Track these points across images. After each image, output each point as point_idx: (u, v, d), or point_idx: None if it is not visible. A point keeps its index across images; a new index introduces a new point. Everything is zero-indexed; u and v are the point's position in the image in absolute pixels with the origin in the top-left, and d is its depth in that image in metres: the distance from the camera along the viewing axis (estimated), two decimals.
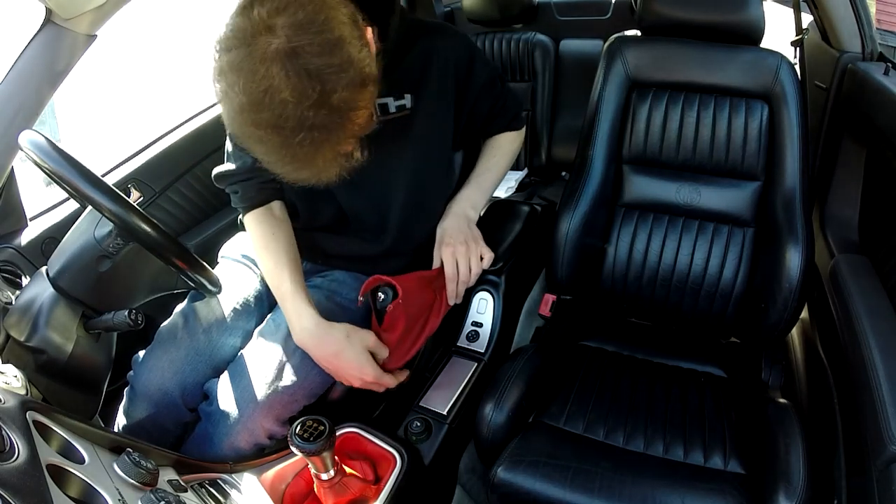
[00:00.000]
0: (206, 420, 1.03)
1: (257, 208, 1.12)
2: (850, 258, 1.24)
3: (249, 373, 1.03)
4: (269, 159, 0.80)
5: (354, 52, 0.76)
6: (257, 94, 0.72)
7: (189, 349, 1.07)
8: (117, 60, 5.30)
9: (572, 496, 0.99)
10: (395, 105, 1.06)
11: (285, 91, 0.71)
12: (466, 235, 1.13)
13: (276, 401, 1.01)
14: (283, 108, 0.72)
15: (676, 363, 1.30)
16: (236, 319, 1.13)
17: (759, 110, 1.24)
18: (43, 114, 1.09)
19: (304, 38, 0.72)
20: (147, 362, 1.07)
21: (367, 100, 0.79)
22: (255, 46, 0.72)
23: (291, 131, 0.73)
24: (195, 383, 1.07)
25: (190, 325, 1.10)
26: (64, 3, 1.01)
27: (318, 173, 0.81)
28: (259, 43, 0.72)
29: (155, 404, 1.04)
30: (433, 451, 1.08)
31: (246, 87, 0.72)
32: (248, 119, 0.75)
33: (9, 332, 0.90)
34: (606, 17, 2.25)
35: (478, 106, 1.17)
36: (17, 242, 1.23)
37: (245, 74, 0.72)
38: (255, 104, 0.73)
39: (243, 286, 1.17)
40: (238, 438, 0.99)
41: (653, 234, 1.31)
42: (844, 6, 1.35)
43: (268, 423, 1.01)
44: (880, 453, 0.84)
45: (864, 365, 0.95)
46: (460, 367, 1.24)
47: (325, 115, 0.74)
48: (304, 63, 0.72)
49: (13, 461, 0.53)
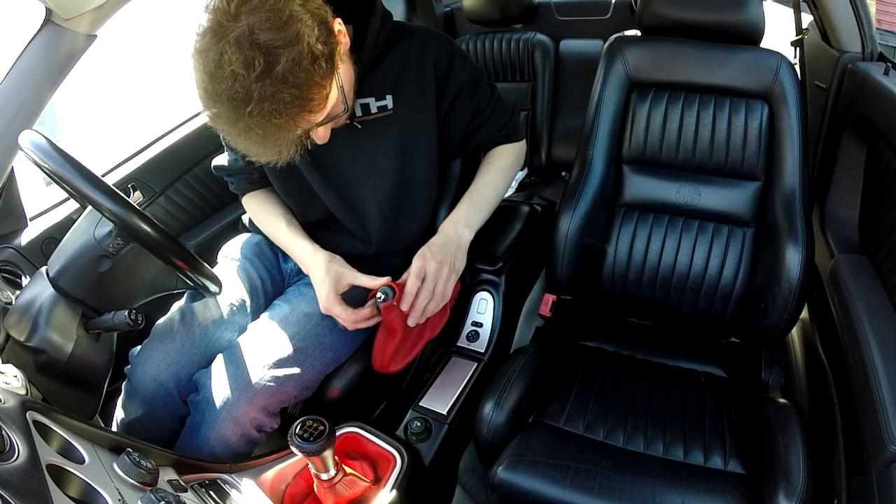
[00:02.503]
0: (194, 410, 1.04)
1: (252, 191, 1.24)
2: (850, 258, 1.24)
3: (236, 363, 1.04)
4: (229, 136, 0.84)
5: (305, 29, 0.80)
6: (212, 68, 0.78)
7: (184, 342, 1.08)
8: (117, 60, 5.30)
9: (572, 496, 0.99)
10: (377, 105, 1.07)
11: (235, 63, 0.77)
12: (446, 258, 1.08)
13: (262, 389, 1.01)
14: (233, 79, 0.77)
15: (676, 363, 1.31)
16: (233, 315, 1.14)
17: (759, 110, 1.24)
18: (43, 114, 1.09)
19: (259, 16, 0.77)
20: (142, 354, 1.08)
21: (320, 77, 0.82)
22: (221, 32, 0.78)
23: (242, 102, 0.78)
24: (190, 375, 1.07)
25: (186, 320, 1.10)
26: (64, 3, 1.01)
27: (277, 151, 0.86)
28: (225, 28, 0.78)
29: (151, 396, 1.05)
30: (433, 451, 1.08)
31: (205, 65, 0.79)
32: (206, 95, 0.81)
33: (9, 332, 0.90)
34: (606, 17, 2.25)
35: (456, 107, 1.14)
36: (17, 242, 1.23)
37: (206, 54, 0.79)
38: (211, 78, 0.79)
39: (242, 284, 1.17)
40: (225, 428, 1.00)
41: (653, 234, 1.31)
42: (844, 6, 1.34)
43: (253, 411, 1.01)
44: (880, 453, 0.84)
45: (863, 365, 0.95)
46: (460, 367, 1.24)
47: (271, 85, 0.78)
48: (254, 38, 0.77)
49: (13, 461, 0.53)
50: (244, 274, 1.19)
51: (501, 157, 1.24)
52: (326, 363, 1.11)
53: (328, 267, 1.08)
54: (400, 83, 1.08)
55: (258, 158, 0.87)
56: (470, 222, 1.16)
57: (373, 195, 1.12)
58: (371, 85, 1.06)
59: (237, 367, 1.03)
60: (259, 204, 1.22)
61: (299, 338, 1.08)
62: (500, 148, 1.25)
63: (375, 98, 1.07)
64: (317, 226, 1.19)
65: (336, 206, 1.14)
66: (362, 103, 1.07)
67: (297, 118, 0.83)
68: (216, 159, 1.25)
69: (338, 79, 0.87)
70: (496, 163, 1.24)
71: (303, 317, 1.11)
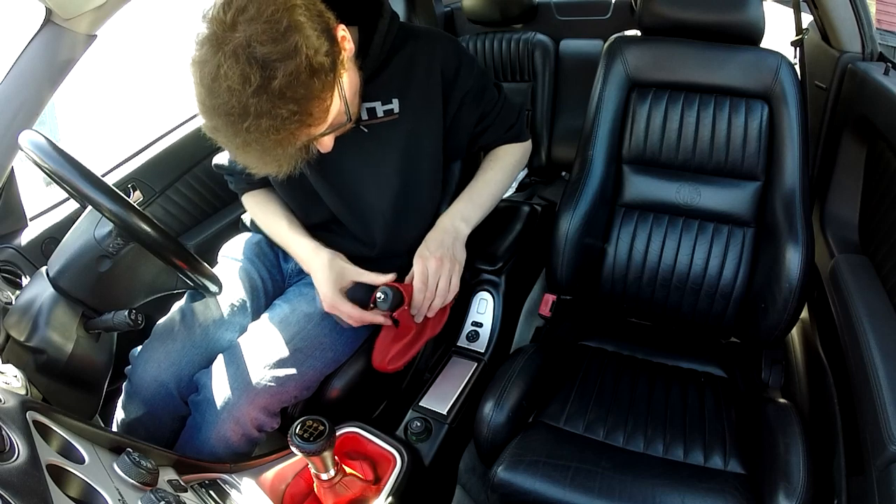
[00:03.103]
0: (195, 411, 1.04)
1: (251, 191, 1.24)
2: (850, 258, 1.24)
3: (237, 363, 1.04)
4: (228, 149, 0.83)
5: (304, 41, 0.77)
6: (208, 81, 0.76)
7: (185, 342, 1.08)
8: (117, 60, 5.30)
9: (572, 496, 0.99)
10: (383, 109, 1.06)
11: (231, 77, 0.75)
12: (445, 252, 1.09)
13: (263, 390, 1.01)
14: (229, 94, 0.76)
15: (676, 363, 1.31)
16: (233, 315, 1.14)
17: (759, 110, 1.24)
18: (43, 114, 1.09)
19: (257, 27, 0.75)
20: (143, 355, 1.08)
21: (320, 90, 0.80)
22: (218, 43, 0.76)
23: (239, 118, 0.76)
24: (190, 375, 1.07)
25: (187, 320, 1.10)
26: (64, 3, 1.00)
27: (277, 165, 0.84)
28: (222, 39, 0.76)
29: (151, 396, 1.05)
30: (433, 451, 1.08)
31: (202, 78, 0.77)
32: (204, 108, 0.79)
33: (9, 332, 0.90)
34: (606, 17, 2.25)
35: (463, 112, 1.14)
36: (17, 242, 1.23)
37: (203, 66, 0.77)
38: (208, 91, 0.77)
39: (242, 284, 1.17)
40: (225, 428, 1.00)
41: (653, 234, 1.31)
42: (844, 6, 1.34)
43: (254, 411, 1.01)
44: (880, 453, 0.84)
45: (863, 365, 0.95)
46: (460, 367, 1.24)
47: (268, 101, 0.76)
48: (251, 51, 0.75)
49: (13, 461, 0.53)
50: (245, 274, 1.19)
51: (506, 156, 1.24)
52: (327, 363, 1.11)
53: (331, 263, 1.08)
54: (406, 86, 1.07)
55: (258, 171, 0.86)
56: (467, 217, 1.15)
57: (377, 199, 1.11)
58: (377, 89, 1.05)
59: (238, 367, 1.03)
60: (259, 203, 1.22)
61: (300, 338, 1.08)
62: (505, 147, 1.25)
63: (381, 102, 1.06)
64: (319, 228, 1.18)
65: (340, 209, 1.13)
66: (368, 107, 1.05)
67: (297, 133, 0.81)
68: (217, 157, 1.26)
69: (340, 89, 0.85)
70: (499, 161, 1.23)
71: (303, 317, 1.11)
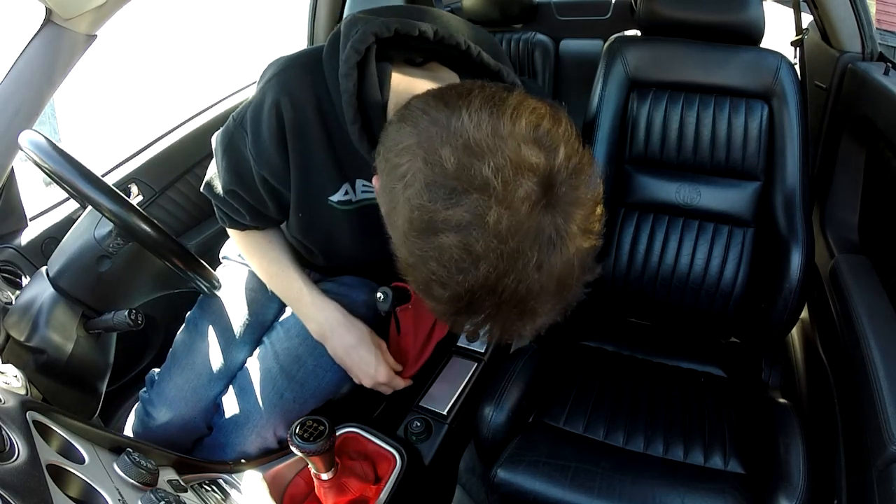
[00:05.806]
0: (217, 431, 1.04)
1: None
2: (850, 258, 1.24)
3: (260, 382, 1.04)
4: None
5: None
6: (553, 282, 0.63)
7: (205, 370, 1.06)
8: (117, 60, 5.30)
9: (572, 496, 0.99)
10: None
11: (570, 278, 0.65)
12: None
13: (286, 409, 1.02)
14: (568, 291, 0.66)
15: (676, 363, 1.30)
16: (246, 333, 1.12)
17: (759, 110, 1.24)
18: (43, 114, 1.09)
19: (582, 211, 0.65)
20: (165, 390, 1.05)
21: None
22: (537, 230, 0.61)
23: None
24: (215, 402, 1.07)
25: (203, 345, 1.09)
26: (64, 3, 1.00)
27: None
28: (549, 242, 0.62)
29: (177, 430, 1.04)
30: (433, 451, 1.08)
31: (546, 282, 0.63)
32: (528, 302, 0.63)
33: (9, 332, 0.90)
34: (606, 17, 2.25)
35: None
36: (17, 242, 1.23)
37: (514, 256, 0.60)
38: (545, 291, 0.63)
39: (250, 294, 1.16)
40: (248, 444, 1.00)
41: (653, 235, 1.31)
42: (844, 6, 1.35)
43: (280, 429, 1.02)
44: (880, 453, 0.84)
45: (864, 365, 0.95)
46: (460, 367, 1.24)
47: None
48: (583, 261, 0.66)
49: (13, 461, 0.53)
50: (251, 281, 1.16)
51: None
52: (344, 374, 1.09)
53: (373, 338, 1.03)
54: None
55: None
56: None
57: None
58: None
59: (259, 387, 1.03)
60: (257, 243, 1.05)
61: (319, 353, 1.07)
62: None
63: None
64: (338, 269, 1.15)
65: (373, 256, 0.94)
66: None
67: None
68: (208, 176, 1.02)
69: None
70: None
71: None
